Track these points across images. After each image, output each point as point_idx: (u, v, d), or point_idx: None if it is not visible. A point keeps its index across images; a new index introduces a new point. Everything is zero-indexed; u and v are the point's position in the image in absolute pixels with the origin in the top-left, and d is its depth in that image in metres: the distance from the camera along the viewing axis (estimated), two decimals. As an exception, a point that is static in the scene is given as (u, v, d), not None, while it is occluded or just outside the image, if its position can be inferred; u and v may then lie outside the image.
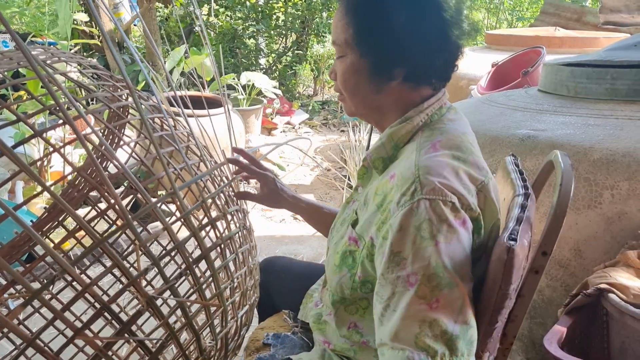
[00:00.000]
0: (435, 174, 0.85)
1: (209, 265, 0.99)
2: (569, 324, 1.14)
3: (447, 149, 0.91)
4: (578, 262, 1.43)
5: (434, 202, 0.82)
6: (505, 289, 0.86)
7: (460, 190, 0.85)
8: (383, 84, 0.96)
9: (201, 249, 0.98)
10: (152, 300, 0.88)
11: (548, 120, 1.63)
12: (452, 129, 0.97)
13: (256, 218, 3.65)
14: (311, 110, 6.54)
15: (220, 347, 1.11)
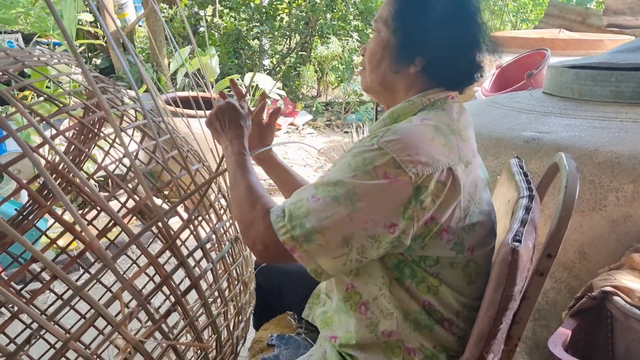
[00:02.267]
0: (402, 133, 0.92)
1: (199, 295, 0.98)
2: (573, 327, 1.14)
3: (432, 122, 0.97)
4: (583, 264, 1.43)
5: (380, 150, 0.90)
6: (509, 290, 0.86)
7: (417, 153, 0.89)
8: (402, 67, 1.03)
9: (190, 278, 0.96)
10: (140, 345, 0.86)
11: (553, 122, 1.63)
12: (449, 113, 1.01)
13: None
14: (315, 111, 6.54)
15: None
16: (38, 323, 0.73)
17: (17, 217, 1.66)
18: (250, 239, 0.97)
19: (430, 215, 0.90)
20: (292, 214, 0.91)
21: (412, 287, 0.97)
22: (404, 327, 0.98)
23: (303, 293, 1.35)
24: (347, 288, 1.04)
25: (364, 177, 0.88)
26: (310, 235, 0.88)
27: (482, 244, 0.99)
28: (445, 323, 0.98)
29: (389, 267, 0.97)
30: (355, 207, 0.87)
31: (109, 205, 0.87)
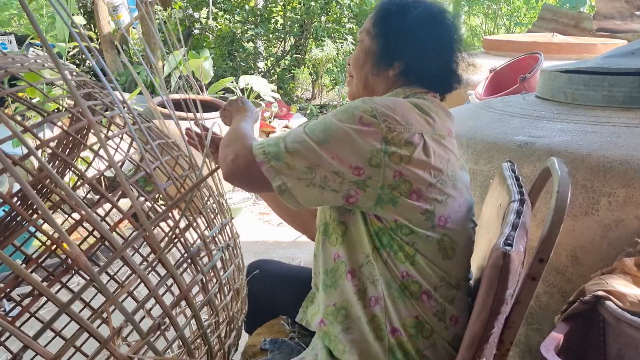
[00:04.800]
0: (385, 98, 1.07)
1: (189, 305, 0.97)
2: (565, 331, 1.14)
3: (414, 101, 1.07)
4: (575, 268, 1.43)
5: (363, 101, 1.01)
6: (501, 295, 0.86)
7: (394, 113, 0.99)
8: (382, 70, 1.15)
9: (180, 289, 0.96)
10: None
11: (545, 127, 1.63)
12: (430, 101, 1.11)
13: (253, 221, 3.64)
14: (309, 114, 6.54)
15: None
16: (22, 342, 0.71)
17: (5, 218, 1.65)
18: (224, 154, 1.08)
19: (398, 170, 0.97)
20: (273, 137, 1.03)
21: (390, 256, 1.01)
22: (387, 295, 1.01)
23: (297, 298, 1.35)
24: (334, 258, 1.08)
25: (342, 117, 0.99)
26: (280, 154, 0.98)
27: (456, 221, 1.04)
28: (424, 296, 1.01)
29: (372, 235, 1.03)
30: (326, 141, 0.97)
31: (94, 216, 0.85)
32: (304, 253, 3.13)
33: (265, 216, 3.73)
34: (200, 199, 1.17)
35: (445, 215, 1.02)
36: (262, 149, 1.00)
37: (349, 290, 1.05)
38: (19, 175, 0.75)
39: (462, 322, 1.04)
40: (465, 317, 1.05)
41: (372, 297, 1.02)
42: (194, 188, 1.07)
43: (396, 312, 1.01)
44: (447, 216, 1.02)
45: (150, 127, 1.25)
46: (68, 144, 1.61)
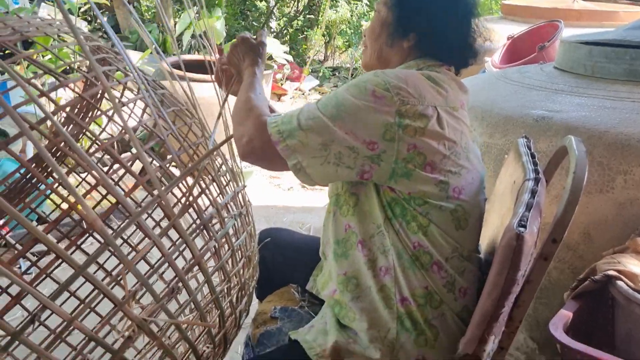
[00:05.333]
0: (397, 70, 1.05)
1: (203, 272, 0.98)
2: (575, 309, 1.15)
3: (426, 73, 1.06)
4: (587, 245, 1.43)
5: (375, 75, 1.00)
6: (513, 275, 0.86)
7: (408, 85, 0.99)
8: (396, 41, 1.14)
9: (193, 255, 0.97)
10: (144, 324, 0.86)
11: (563, 100, 1.60)
12: (444, 74, 1.10)
13: (263, 185, 3.65)
14: (321, 76, 6.47)
15: (219, 345, 1.11)
16: (41, 302, 0.73)
17: (21, 180, 1.67)
18: (239, 133, 1.08)
19: (412, 143, 0.97)
20: (287, 114, 1.03)
21: (402, 226, 1.02)
22: (397, 265, 1.02)
23: (307, 267, 1.37)
24: (345, 229, 1.10)
25: (355, 92, 0.99)
26: (294, 132, 0.98)
27: (469, 193, 1.04)
28: (434, 267, 1.01)
29: (384, 205, 1.03)
30: (339, 117, 0.97)
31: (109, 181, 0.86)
32: (314, 218, 3.15)
33: (275, 180, 3.73)
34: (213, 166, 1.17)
35: (459, 187, 1.02)
36: (276, 128, 1.00)
37: (360, 260, 1.06)
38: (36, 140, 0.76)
39: (471, 294, 1.05)
40: (474, 289, 1.06)
41: (382, 267, 1.03)
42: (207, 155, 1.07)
43: (406, 282, 1.01)
44: (461, 187, 1.02)
45: (164, 94, 1.24)
46: (82, 108, 1.61)
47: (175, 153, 1.03)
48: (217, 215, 1.07)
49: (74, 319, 0.76)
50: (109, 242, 0.78)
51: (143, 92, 1.01)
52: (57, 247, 0.72)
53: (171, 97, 1.26)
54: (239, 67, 1.29)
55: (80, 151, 0.79)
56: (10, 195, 1.61)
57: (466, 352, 0.90)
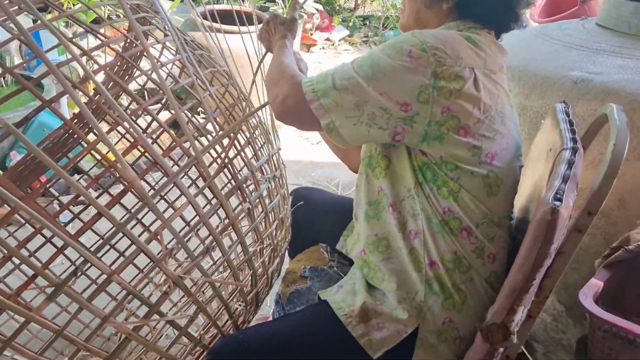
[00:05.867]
0: (435, 30, 1.03)
1: (237, 233, 1.00)
2: (606, 278, 1.14)
3: (464, 33, 1.03)
4: (621, 212, 1.41)
5: (412, 35, 0.98)
6: (545, 249, 0.86)
7: (446, 47, 0.96)
8: (435, 1, 1.11)
9: (229, 217, 0.99)
10: (179, 281, 0.89)
11: (605, 62, 1.54)
12: (483, 37, 1.06)
13: (292, 138, 3.65)
14: (352, 26, 6.33)
15: (250, 303, 1.14)
16: (83, 257, 0.76)
17: (63, 135, 1.71)
18: (273, 94, 1.08)
19: (447, 105, 0.96)
20: (322, 74, 1.02)
21: (433, 191, 1.02)
22: (427, 229, 1.03)
23: (338, 227, 1.39)
24: (377, 191, 1.10)
25: (390, 52, 0.97)
26: (329, 91, 0.99)
27: (503, 158, 1.02)
28: (464, 232, 1.01)
29: (415, 169, 1.03)
30: (374, 77, 0.96)
31: (148, 142, 0.88)
32: (343, 174, 3.15)
33: (304, 133, 3.72)
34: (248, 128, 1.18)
35: (493, 152, 1.01)
36: (311, 87, 1.01)
37: (390, 223, 1.07)
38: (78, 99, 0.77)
39: (500, 260, 1.05)
40: (503, 255, 1.06)
41: (411, 230, 1.04)
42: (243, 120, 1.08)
43: (435, 246, 1.02)
44: (494, 153, 1.01)
45: (202, 55, 1.24)
46: (122, 66, 1.62)
47: (211, 115, 1.04)
48: (251, 177, 1.09)
49: (115, 273, 0.79)
50: (147, 202, 0.80)
51: (181, 53, 1.02)
52: (99, 205, 0.75)
53: (209, 58, 1.26)
54: (269, 42, 1.32)
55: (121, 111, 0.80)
56: (53, 149, 1.65)
57: (494, 322, 0.91)
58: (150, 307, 0.87)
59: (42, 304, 0.72)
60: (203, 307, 0.97)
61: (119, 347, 0.87)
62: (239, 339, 1.07)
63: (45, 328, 0.76)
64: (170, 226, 0.87)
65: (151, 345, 0.91)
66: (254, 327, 1.14)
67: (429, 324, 1.02)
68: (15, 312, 0.71)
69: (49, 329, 0.76)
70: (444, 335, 1.03)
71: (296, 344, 1.06)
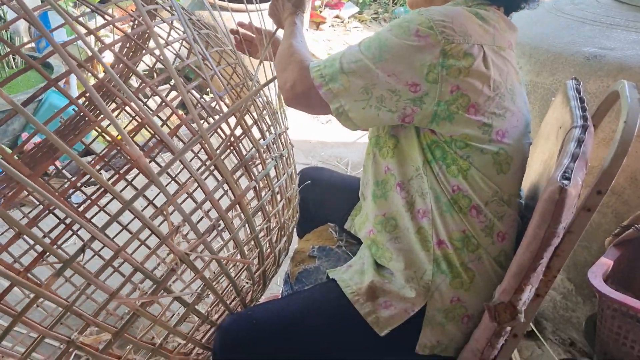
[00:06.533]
0: (443, 8, 0.99)
1: (243, 211, 1.00)
2: (615, 257, 1.13)
3: (473, 9, 1.01)
4: (632, 190, 1.39)
5: (419, 13, 0.96)
6: (553, 229, 0.85)
7: (454, 24, 0.94)
8: None
9: (234, 194, 0.99)
10: (186, 257, 0.90)
11: (618, 37, 1.51)
12: (492, 13, 1.03)
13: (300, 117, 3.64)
14: (361, 3, 6.26)
15: (258, 281, 1.15)
16: (90, 234, 0.77)
17: (75, 117, 1.72)
18: (283, 79, 1.09)
19: (456, 84, 0.94)
20: (330, 58, 1.02)
21: (442, 169, 1.01)
22: (435, 209, 1.02)
23: (346, 206, 1.39)
24: (385, 170, 1.10)
25: (398, 32, 0.95)
26: (337, 75, 0.98)
27: (513, 136, 1.01)
28: (473, 211, 1.01)
29: (423, 148, 1.02)
30: (382, 58, 0.95)
31: (154, 121, 0.88)
32: (352, 153, 3.15)
33: (314, 113, 3.71)
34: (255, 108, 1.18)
35: (503, 130, 1.00)
36: (319, 72, 1.01)
37: (398, 202, 1.07)
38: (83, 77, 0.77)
39: (509, 239, 1.04)
40: (512, 234, 1.05)
41: (419, 210, 1.04)
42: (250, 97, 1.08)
43: (443, 225, 1.02)
44: (505, 130, 1.00)
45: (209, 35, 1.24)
46: (131, 47, 1.61)
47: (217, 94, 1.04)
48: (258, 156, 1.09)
49: (122, 250, 0.80)
50: (152, 177, 0.81)
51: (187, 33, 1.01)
52: (104, 181, 0.75)
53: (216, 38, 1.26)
54: (279, 18, 1.31)
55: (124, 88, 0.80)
56: (65, 131, 1.66)
57: (502, 301, 0.91)
58: (158, 284, 0.88)
59: (50, 280, 0.73)
60: (210, 284, 0.98)
61: (127, 323, 0.88)
62: (248, 316, 1.08)
63: (54, 303, 0.78)
64: (178, 204, 0.87)
65: (158, 321, 0.93)
66: (262, 304, 1.15)
67: (437, 302, 1.03)
68: (24, 287, 0.72)
69: (57, 304, 0.78)
70: (451, 314, 1.03)
71: (304, 321, 1.07)
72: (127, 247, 0.84)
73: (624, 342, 1.07)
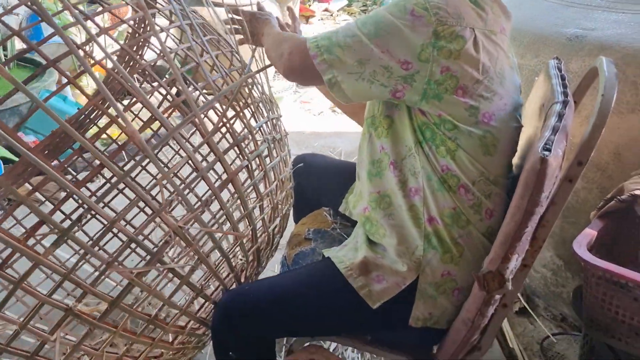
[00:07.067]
0: None
1: (236, 188, 1.04)
2: (599, 228, 1.17)
3: None
4: (616, 165, 1.43)
5: None
6: (536, 197, 0.89)
7: (448, 6, 0.97)
8: None
9: (227, 172, 1.02)
10: (179, 231, 0.93)
11: (599, 17, 1.55)
12: None
13: (294, 110, 3.67)
14: (351, -4, 6.28)
15: (252, 260, 1.18)
16: (87, 204, 0.80)
17: (80, 116, 1.75)
18: (279, 52, 1.12)
19: (446, 65, 0.98)
20: (326, 32, 1.05)
21: (432, 150, 1.05)
22: (427, 187, 1.06)
23: (340, 191, 1.42)
24: (379, 150, 1.13)
25: (394, 10, 0.98)
26: (332, 48, 1.01)
27: (500, 119, 1.04)
28: (461, 189, 1.04)
29: (415, 129, 1.06)
30: (377, 35, 0.99)
31: (149, 100, 0.92)
32: (345, 143, 3.18)
33: (306, 105, 3.74)
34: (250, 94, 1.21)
35: (490, 112, 1.02)
36: (315, 43, 1.04)
37: (392, 181, 1.10)
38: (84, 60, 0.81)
39: (497, 216, 1.08)
40: (500, 211, 1.09)
41: (412, 188, 1.07)
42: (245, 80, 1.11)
43: (434, 203, 1.06)
44: (492, 113, 1.03)
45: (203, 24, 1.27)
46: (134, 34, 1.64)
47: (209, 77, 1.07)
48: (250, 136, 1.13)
49: (116, 221, 0.84)
50: (147, 153, 0.84)
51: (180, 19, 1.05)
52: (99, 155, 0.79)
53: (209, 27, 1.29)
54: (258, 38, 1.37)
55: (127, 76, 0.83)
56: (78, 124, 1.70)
57: (489, 270, 0.95)
58: (152, 255, 0.91)
59: (49, 248, 0.77)
60: (203, 257, 1.01)
61: (123, 292, 0.91)
62: (245, 291, 1.12)
63: (53, 270, 0.81)
64: (170, 179, 0.91)
65: (153, 291, 0.96)
66: (260, 280, 1.19)
67: (428, 276, 1.06)
68: (23, 254, 0.75)
69: (56, 271, 0.81)
70: (442, 287, 1.07)
71: (300, 296, 1.11)
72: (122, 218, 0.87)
73: (608, 308, 1.11)
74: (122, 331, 0.96)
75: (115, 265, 0.85)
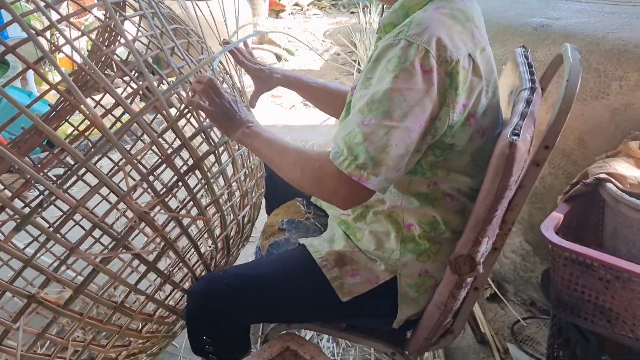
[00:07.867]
0: (425, 23, 0.92)
1: (202, 174, 1.03)
2: (566, 211, 1.21)
3: (447, 11, 0.97)
4: (581, 151, 1.47)
5: (410, 45, 0.90)
6: (505, 181, 0.91)
7: (444, 41, 0.90)
8: None
9: (193, 158, 1.02)
10: (145, 216, 0.92)
11: (563, 7, 1.59)
12: (462, 2, 1.01)
13: (265, 104, 3.66)
14: (320, -10, 6.28)
15: (221, 247, 1.18)
16: (49, 190, 0.79)
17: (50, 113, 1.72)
18: (325, 192, 0.97)
19: (462, 102, 0.94)
20: (350, 145, 0.90)
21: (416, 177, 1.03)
22: (406, 204, 1.05)
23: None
24: None
25: (405, 76, 0.88)
26: (375, 158, 0.88)
27: (491, 130, 1.04)
28: (447, 198, 1.05)
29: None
30: (408, 113, 0.89)
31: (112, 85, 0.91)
32: (317, 136, 3.19)
33: (277, 99, 3.74)
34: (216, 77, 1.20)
35: (484, 127, 1.02)
36: (353, 165, 0.90)
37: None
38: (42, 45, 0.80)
39: None
40: None
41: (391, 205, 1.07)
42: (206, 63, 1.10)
43: (414, 213, 1.06)
44: (485, 127, 1.03)
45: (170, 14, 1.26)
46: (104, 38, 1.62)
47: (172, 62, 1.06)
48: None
49: (79, 205, 0.83)
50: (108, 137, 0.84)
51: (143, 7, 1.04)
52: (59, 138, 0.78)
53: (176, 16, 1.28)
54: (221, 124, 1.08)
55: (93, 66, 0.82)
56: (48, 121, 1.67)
57: (461, 254, 0.97)
58: (117, 241, 0.90)
59: (10, 234, 0.75)
60: (169, 243, 1.00)
61: (87, 278, 0.90)
62: (219, 276, 1.11)
63: (14, 257, 0.79)
64: (135, 164, 0.90)
65: (118, 278, 0.95)
66: (234, 266, 1.18)
67: (407, 278, 1.07)
68: None
69: (18, 258, 0.79)
70: (422, 287, 1.08)
71: (274, 281, 1.11)
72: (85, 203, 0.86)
73: (575, 289, 1.14)
74: (87, 319, 0.94)
75: (78, 250, 0.83)
